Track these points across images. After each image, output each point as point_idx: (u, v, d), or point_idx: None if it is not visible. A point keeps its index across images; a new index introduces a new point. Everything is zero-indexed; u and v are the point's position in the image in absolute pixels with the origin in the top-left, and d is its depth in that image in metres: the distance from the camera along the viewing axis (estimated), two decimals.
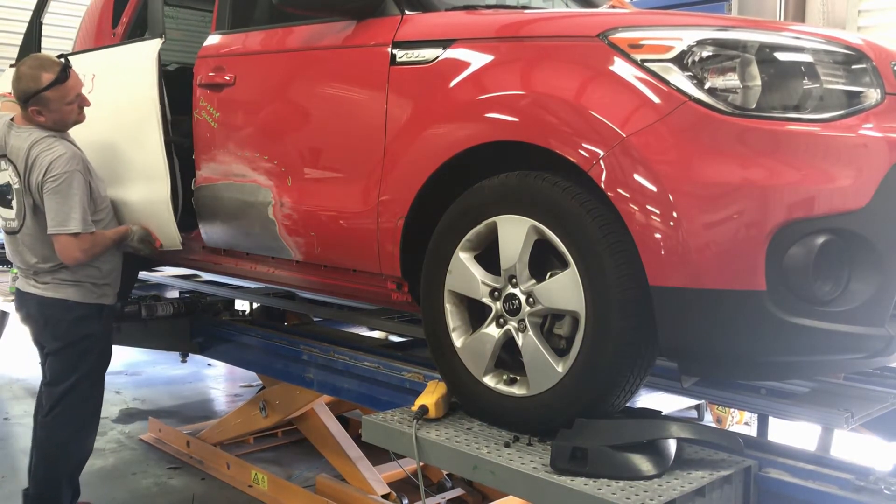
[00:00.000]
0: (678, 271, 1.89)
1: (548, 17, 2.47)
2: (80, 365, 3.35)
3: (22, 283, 3.42)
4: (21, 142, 3.23)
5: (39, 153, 3.18)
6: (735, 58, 1.95)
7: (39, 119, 3.23)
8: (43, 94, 3.17)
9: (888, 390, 2.48)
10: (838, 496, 1.92)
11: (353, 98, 2.71)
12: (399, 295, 2.63)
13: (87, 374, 3.38)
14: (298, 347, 3.41)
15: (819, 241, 1.88)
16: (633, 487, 1.87)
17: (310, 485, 4.06)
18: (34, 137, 3.21)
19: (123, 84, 3.52)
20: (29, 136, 3.22)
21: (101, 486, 4.14)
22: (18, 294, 3.46)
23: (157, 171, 3.37)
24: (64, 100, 3.22)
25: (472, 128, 2.28)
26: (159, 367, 6.51)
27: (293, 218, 2.89)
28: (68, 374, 3.34)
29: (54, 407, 3.34)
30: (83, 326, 3.34)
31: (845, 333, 1.91)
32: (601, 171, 1.99)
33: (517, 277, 2.18)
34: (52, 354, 3.36)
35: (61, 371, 3.34)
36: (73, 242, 3.19)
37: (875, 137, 1.96)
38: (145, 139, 3.39)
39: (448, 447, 2.15)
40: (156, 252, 3.49)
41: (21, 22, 7.38)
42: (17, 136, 3.25)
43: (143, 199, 3.48)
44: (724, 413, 4.80)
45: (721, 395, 2.52)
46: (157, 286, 5.01)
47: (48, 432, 3.36)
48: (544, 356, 2.13)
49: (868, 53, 2.03)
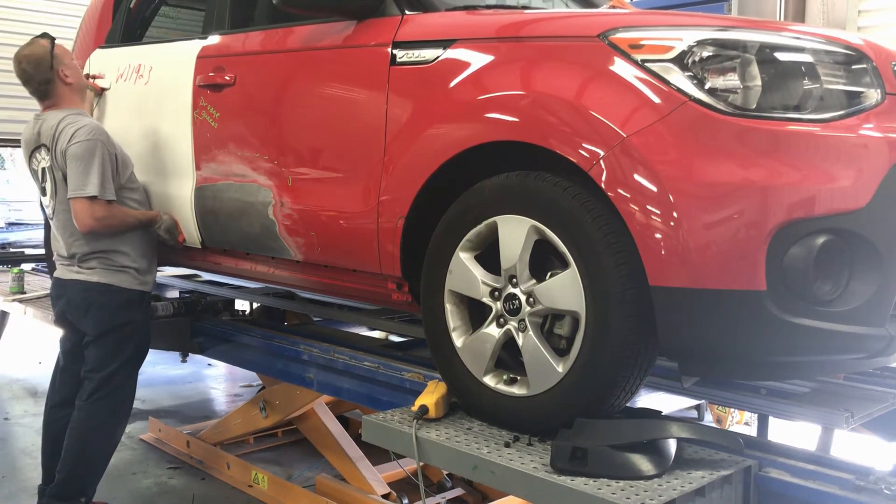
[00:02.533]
0: (678, 271, 1.89)
1: (548, 17, 2.47)
2: (120, 351, 3.45)
3: (62, 272, 3.49)
4: (50, 123, 3.38)
5: (66, 126, 3.33)
6: (735, 58, 1.95)
7: (68, 81, 3.42)
8: (56, 54, 3.38)
9: (888, 390, 2.48)
10: (838, 496, 1.92)
11: (353, 98, 2.71)
12: (399, 295, 2.63)
13: (127, 362, 3.49)
14: (298, 347, 3.40)
15: (819, 242, 1.88)
16: (633, 487, 1.87)
17: (310, 485, 4.06)
18: (61, 115, 3.38)
19: (169, 79, 3.55)
20: (57, 115, 3.39)
21: (102, 486, 4.11)
22: (57, 283, 3.53)
23: (185, 167, 3.40)
24: (68, 54, 3.48)
25: (473, 128, 2.29)
26: (159, 367, 6.51)
27: (293, 218, 2.89)
28: (110, 360, 3.43)
29: (95, 391, 3.42)
30: (126, 312, 3.45)
31: (845, 333, 1.91)
32: (601, 171, 1.99)
33: (517, 277, 2.18)
34: (94, 341, 3.44)
35: (103, 356, 3.43)
36: (88, 207, 3.27)
37: (875, 137, 1.96)
38: (180, 135, 3.43)
39: (448, 447, 2.15)
40: (178, 246, 3.55)
41: (21, 22, 7.39)
42: (45, 122, 3.40)
43: (169, 193, 3.52)
44: (724, 413, 4.80)
45: (721, 395, 2.52)
46: (158, 286, 5.00)
47: (86, 414, 3.42)
48: (544, 356, 2.13)
49: (868, 53, 2.03)
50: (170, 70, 3.53)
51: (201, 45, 3.38)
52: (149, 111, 3.63)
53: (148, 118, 3.62)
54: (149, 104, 3.63)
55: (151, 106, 3.62)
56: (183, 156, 3.41)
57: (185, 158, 3.40)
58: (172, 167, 3.49)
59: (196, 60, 3.35)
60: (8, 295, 4.86)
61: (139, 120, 3.68)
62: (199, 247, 3.48)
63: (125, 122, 3.75)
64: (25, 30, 7.51)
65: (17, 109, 6.88)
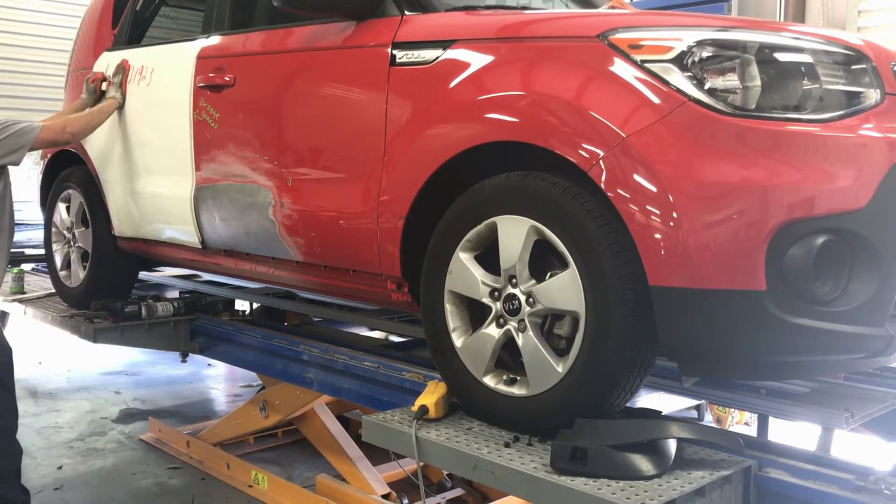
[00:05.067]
0: (678, 271, 1.90)
1: (548, 17, 2.47)
2: None
3: None
4: None
5: None
6: (735, 58, 1.95)
7: None
8: None
9: (888, 390, 2.48)
10: (838, 496, 1.92)
11: (352, 98, 2.71)
12: (399, 295, 2.63)
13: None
14: (298, 347, 3.41)
15: (819, 242, 1.88)
16: (633, 487, 1.87)
17: (310, 485, 4.06)
18: None
19: (169, 80, 3.56)
20: None
21: (101, 486, 4.14)
22: None
23: (185, 168, 3.40)
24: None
25: (472, 128, 2.29)
26: (159, 367, 6.51)
27: (293, 218, 2.89)
28: None
29: None
30: None
31: (845, 333, 1.91)
32: (601, 171, 1.99)
33: (517, 277, 2.18)
34: None
35: None
36: None
37: (875, 137, 1.96)
38: (180, 136, 3.43)
39: (448, 447, 2.15)
40: None
41: (21, 22, 7.39)
42: None
43: (169, 194, 3.52)
44: (724, 413, 4.80)
45: (721, 395, 2.52)
46: (157, 286, 5.01)
47: None
48: (544, 356, 2.13)
49: (868, 54, 2.03)
50: (170, 71, 3.54)
51: (201, 46, 3.38)
52: (150, 112, 3.64)
53: (149, 119, 3.63)
54: (150, 105, 3.64)
55: (152, 107, 3.62)
56: (183, 156, 3.41)
57: (185, 159, 3.40)
58: (172, 168, 3.49)
59: (196, 61, 3.35)
60: (8, 295, 4.86)
61: (141, 121, 3.69)
62: (199, 247, 3.48)
63: (129, 124, 3.75)
64: (25, 30, 7.53)
65: (18, 109, 6.89)
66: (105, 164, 3.98)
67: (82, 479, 3.51)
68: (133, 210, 3.81)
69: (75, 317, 4.05)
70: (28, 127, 3.44)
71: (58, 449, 4.70)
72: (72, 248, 4.34)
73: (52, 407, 5.53)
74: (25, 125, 3.43)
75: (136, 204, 3.78)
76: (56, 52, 7.18)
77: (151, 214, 3.70)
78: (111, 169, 3.93)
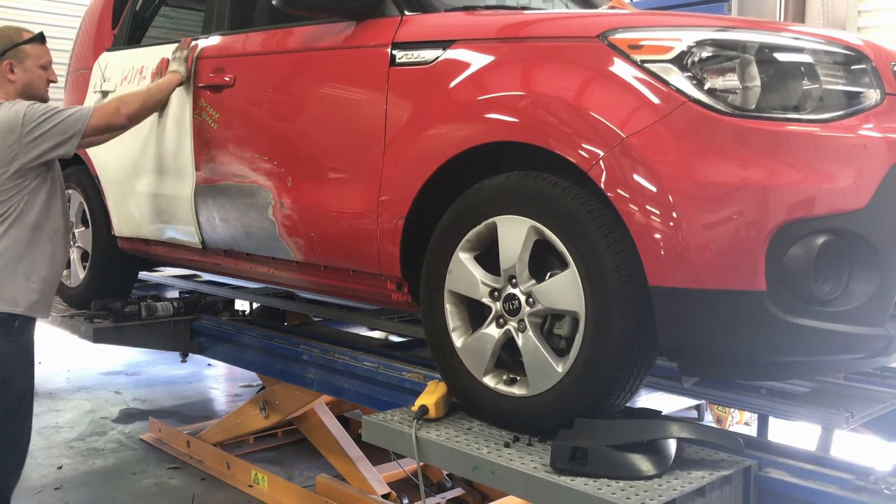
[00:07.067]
0: (678, 271, 1.89)
1: (547, 17, 2.47)
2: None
3: None
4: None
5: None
6: (735, 58, 1.95)
7: (10, 77, 3.06)
8: (22, 47, 3.09)
9: (888, 390, 2.48)
10: (838, 496, 1.93)
11: (352, 99, 2.71)
12: (399, 295, 2.63)
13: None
14: (298, 347, 3.41)
15: (819, 242, 1.88)
16: (633, 487, 1.87)
17: (310, 485, 4.06)
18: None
19: None
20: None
21: (101, 486, 4.14)
22: None
23: (185, 168, 3.40)
24: (39, 61, 3.13)
25: (472, 128, 2.28)
26: (159, 367, 6.51)
27: (293, 218, 2.89)
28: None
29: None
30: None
31: (845, 333, 1.91)
32: (601, 171, 1.99)
33: (517, 277, 2.18)
34: None
35: None
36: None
37: (875, 138, 1.96)
38: (180, 137, 3.42)
39: (448, 447, 2.15)
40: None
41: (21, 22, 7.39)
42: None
43: (169, 194, 3.52)
44: (724, 413, 4.80)
45: (721, 395, 2.52)
46: (157, 286, 5.01)
47: None
48: (544, 356, 2.13)
49: (868, 54, 2.03)
50: None
51: (201, 47, 3.38)
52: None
53: (149, 119, 3.62)
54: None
55: None
56: (183, 156, 3.41)
57: (185, 159, 3.40)
58: (172, 168, 3.49)
59: (196, 61, 3.35)
60: None
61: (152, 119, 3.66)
62: (199, 247, 3.48)
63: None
64: None
65: None
66: (105, 165, 3.98)
67: (82, 479, 3.52)
68: (133, 210, 3.81)
69: (75, 317, 4.05)
70: (78, 113, 3.05)
71: (58, 449, 4.70)
72: (72, 247, 4.34)
73: (52, 407, 5.54)
74: (75, 111, 3.05)
75: (136, 204, 3.78)
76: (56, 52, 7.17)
77: (151, 214, 3.70)
78: (111, 169, 3.93)
